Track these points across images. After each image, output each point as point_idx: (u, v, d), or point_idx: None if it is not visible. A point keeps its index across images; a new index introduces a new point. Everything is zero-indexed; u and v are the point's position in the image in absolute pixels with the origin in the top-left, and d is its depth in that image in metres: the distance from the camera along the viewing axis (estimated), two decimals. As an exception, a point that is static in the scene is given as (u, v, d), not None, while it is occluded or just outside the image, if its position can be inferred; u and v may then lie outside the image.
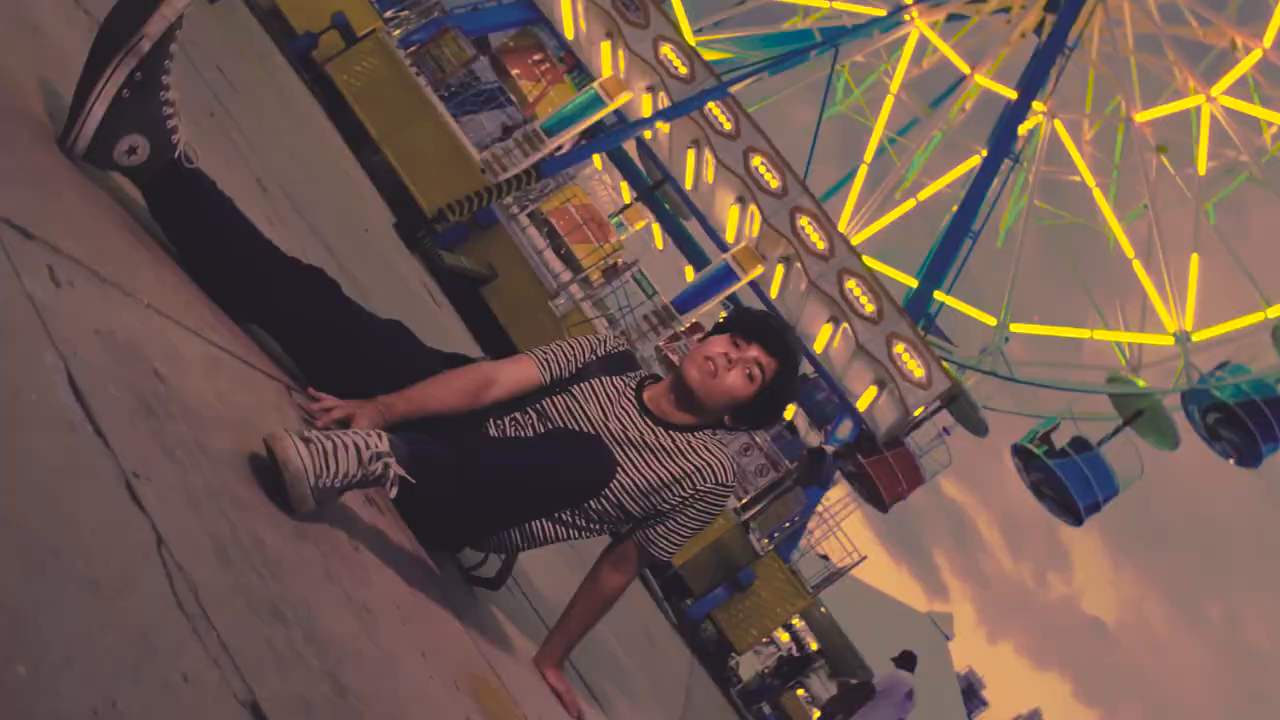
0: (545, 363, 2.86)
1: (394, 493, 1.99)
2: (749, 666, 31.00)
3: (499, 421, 2.82)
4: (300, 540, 1.76)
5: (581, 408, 2.84)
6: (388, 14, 23.47)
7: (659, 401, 2.91)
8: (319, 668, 1.43)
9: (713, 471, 2.87)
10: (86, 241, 1.71)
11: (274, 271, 2.31)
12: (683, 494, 2.86)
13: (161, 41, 1.96)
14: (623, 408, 2.88)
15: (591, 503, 2.78)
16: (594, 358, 2.95)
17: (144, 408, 1.47)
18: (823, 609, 28.73)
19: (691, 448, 2.87)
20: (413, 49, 22.10)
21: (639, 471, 2.82)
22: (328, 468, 1.81)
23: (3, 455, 1.05)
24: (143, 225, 2.14)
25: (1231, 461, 29.50)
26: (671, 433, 2.88)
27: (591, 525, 2.91)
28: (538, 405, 2.84)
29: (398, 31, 22.64)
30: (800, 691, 33.78)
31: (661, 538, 2.92)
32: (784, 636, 35.78)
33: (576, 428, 2.78)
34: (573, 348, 2.94)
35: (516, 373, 2.81)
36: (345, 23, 20.29)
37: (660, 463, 2.84)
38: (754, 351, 2.84)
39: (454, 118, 21.67)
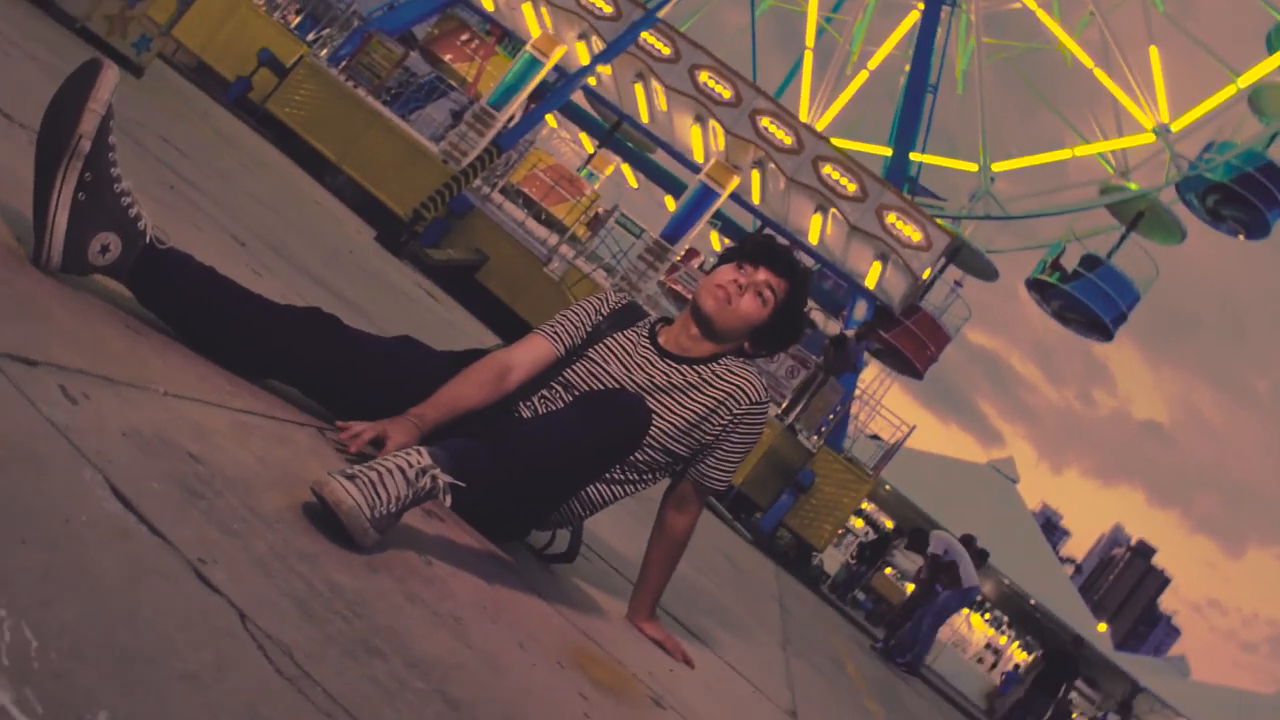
0: (556, 336, 2.91)
1: (448, 501, 2.02)
2: (833, 560, 31.24)
3: (528, 403, 2.85)
4: (374, 573, 1.79)
5: (603, 368, 2.88)
6: (310, 37, 23.38)
7: (677, 340, 2.96)
8: (426, 689, 1.47)
9: (744, 392, 2.92)
10: (89, 351, 1.74)
11: (271, 325, 2.33)
12: (722, 422, 2.91)
13: (99, 135, 1.97)
14: (642, 356, 2.92)
15: (637, 455, 2.82)
16: (601, 318, 2.98)
17: (190, 493, 1.50)
18: (887, 487, 28.86)
19: (717, 375, 2.92)
20: (343, 63, 22.01)
21: (674, 413, 2.86)
22: (379, 497, 1.84)
23: (73, 582, 1.08)
24: (137, 316, 2.16)
25: (1241, 237, 29.35)
26: (695, 367, 2.92)
27: (645, 476, 2.95)
28: (561, 378, 2.88)
29: (324, 51, 22.57)
30: (888, 570, 34.06)
31: (713, 469, 2.97)
32: (858, 523, 36.04)
33: (603, 389, 2.81)
34: (578, 314, 2.98)
35: (531, 352, 2.85)
36: (271, 57, 20.22)
37: (691, 399, 2.89)
38: (762, 274, 2.91)
39: (402, 118, 21.58)
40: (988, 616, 41.58)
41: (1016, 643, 39.25)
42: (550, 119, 28.36)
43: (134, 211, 2.08)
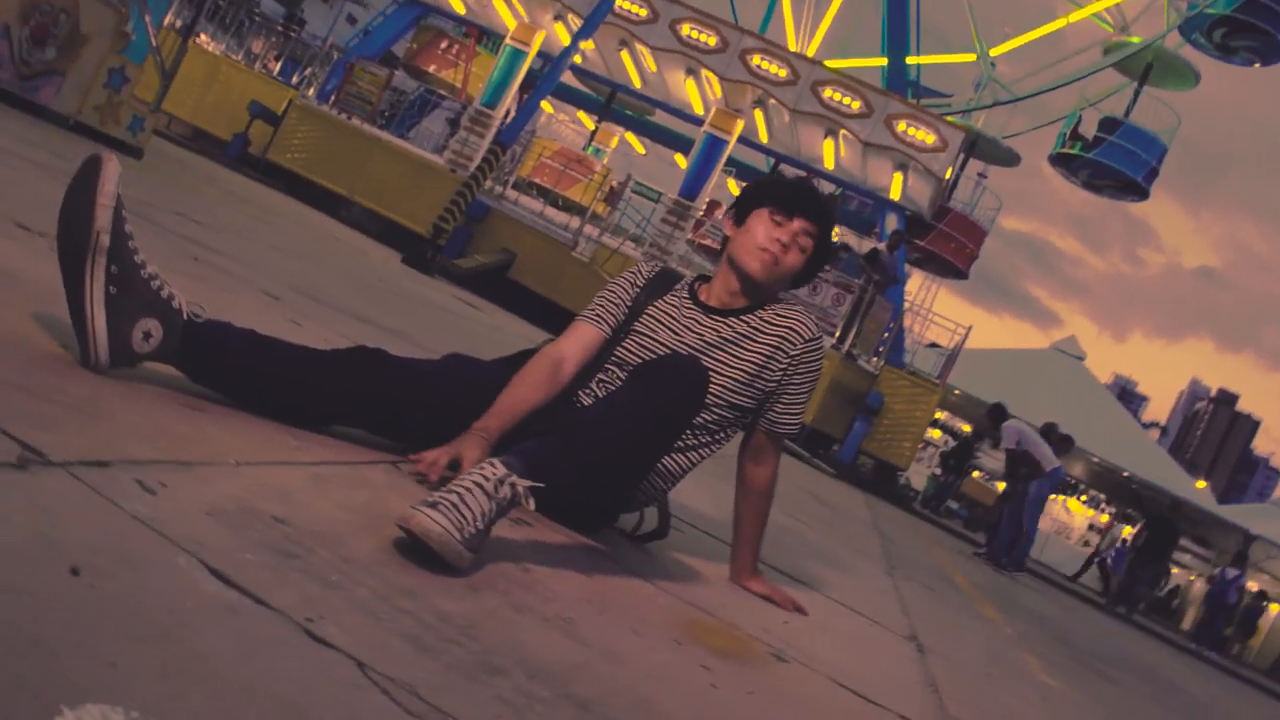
0: (599, 318, 2.92)
1: (532, 504, 2.03)
2: (919, 476, 31.14)
3: (587, 390, 2.86)
4: (477, 593, 1.81)
5: (653, 338, 2.88)
6: (294, 80, 23.46)
7: (719, 296, 2.96)
8: (553, 696, 1.48)
9: (795, 333, 2.92)
10: (155, 439, 1.76)
11: (320, 375, 2.35)
12: (781, 366, 2.90)
13: (115, 227, 1.99)
14: (688, 318, 2.92)
15: (704, 416, 2.82)
16: (639, 290, 2.98)
17: (283, 555, 1.51)
18: (956, 392, 28.67)
19: (766, 321, 2.92)
20: (332, 97, 22.10)
21: (732, 367, 2.86)
22: (465, 517, 1.85)
23: (192, 669, 1.09)
24: (192, 394, 2.19)
25: (1256, 65, 28.78)
26: (743, 317, 2.92)
27: (717, 436, 2.95)
28: (614, 358, 2.89)
29: (311, 90, 22.64)
30: (976, 474, 33.91)
31: (783, 415, 2.98)
32: (935, 434, 35.86)
33: (655, 358, 2.80)
34: (615, 292, 2.98)
35: (579, 341, 2.87)
36: (262, 108, 20.35)
37: (746, 349, 2.89)
38: (797, 223, 2.89)
39: (401, 137, 21.64)
40: (1084, 498, 41.34)
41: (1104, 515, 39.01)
42: (546, 105, 28.30)
43: (165, 292, 2.10)
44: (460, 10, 25.37)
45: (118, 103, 8.22)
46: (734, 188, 30.34)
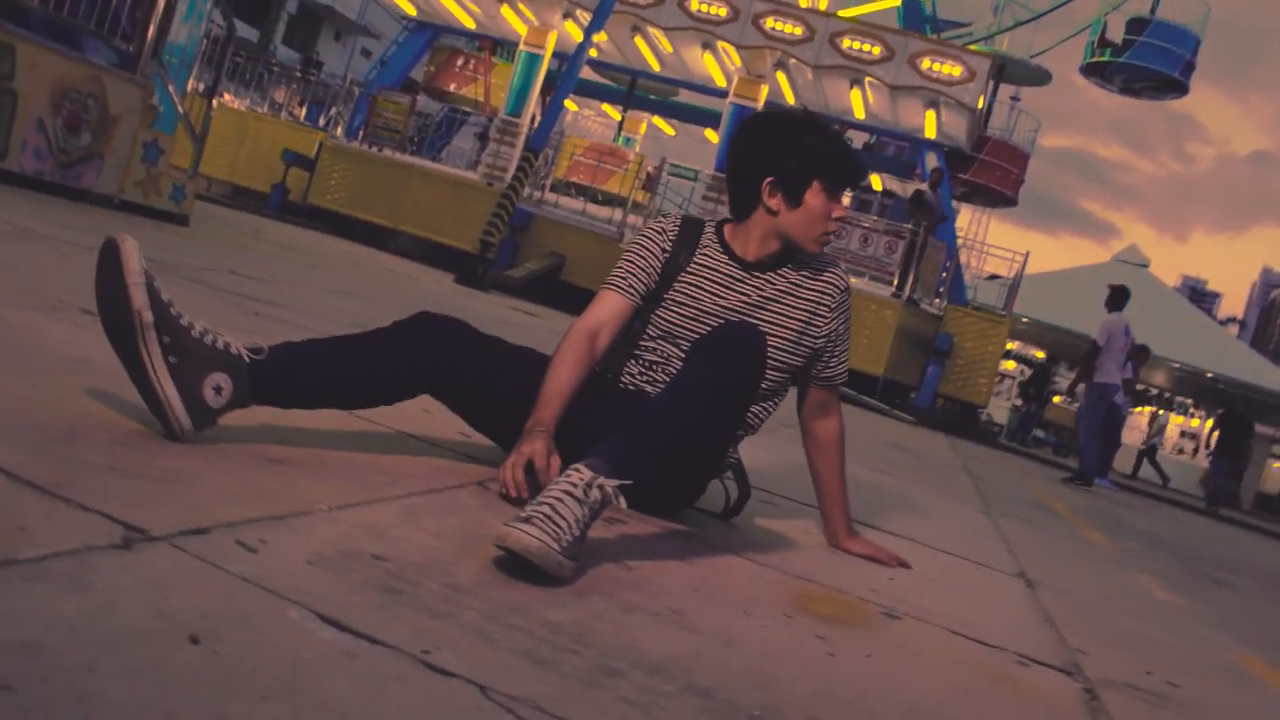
0: (629, 287, 2.81)
1: (623, 503, 2.03)
2: (1000, 409, 30.82)
3: (632, 366, 2.83)
4: (583, 598, 1.82)
5: (696, 303, 2.81)
6: (321, 122, 23.69)
7: (755, 251, 2.85)
8: (675, 689, 1.49)
9: (833, 285, 2.90)
10: (247, 498, 1.80)
11: (388, 348, 2.39)
12: (824, 320, 2.88)
13: (154, 301, 2.02)
14: (728, 276, 2.84)
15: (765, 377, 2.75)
16: (668, 252, 2.87)
17: (389, 593, 1.54)
18: (1024, 320, 28.32)
19: (803, 276, 2.88)
20: (360, 133, 22.27)
21: (779, 326, 2.81)
22: (559, 527, 1.87)
23: (325, 718, 1.11)
24: (273, 442, 2.23)
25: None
26: (780, 272, 2.86)
27: (774, 398, 2.92)
28: (656, 328, 2.83)
29: (339, 129, 22.84)
30: (1057, 399, 33.48)
31: (833, 367, 2.96)
32: (1010, 365, 35.47)
33: (701, 325, 2.76)
34: (641, 254, 2.87)
35: (609, 310, 2.78)
36: (295, 155, 20.59)
37: (790, 305, 2.85)
38: (846, 200, 2.85)
39: (434, 160, 21.78)
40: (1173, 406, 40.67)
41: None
42: (569, 104, 28.32)
43: (221, 344, 2.13)
44: (470, 25, 25.47)
45: (157, 175, 8.35)
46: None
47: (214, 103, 9.82)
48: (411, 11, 25.40)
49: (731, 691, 1.56)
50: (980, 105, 21.97)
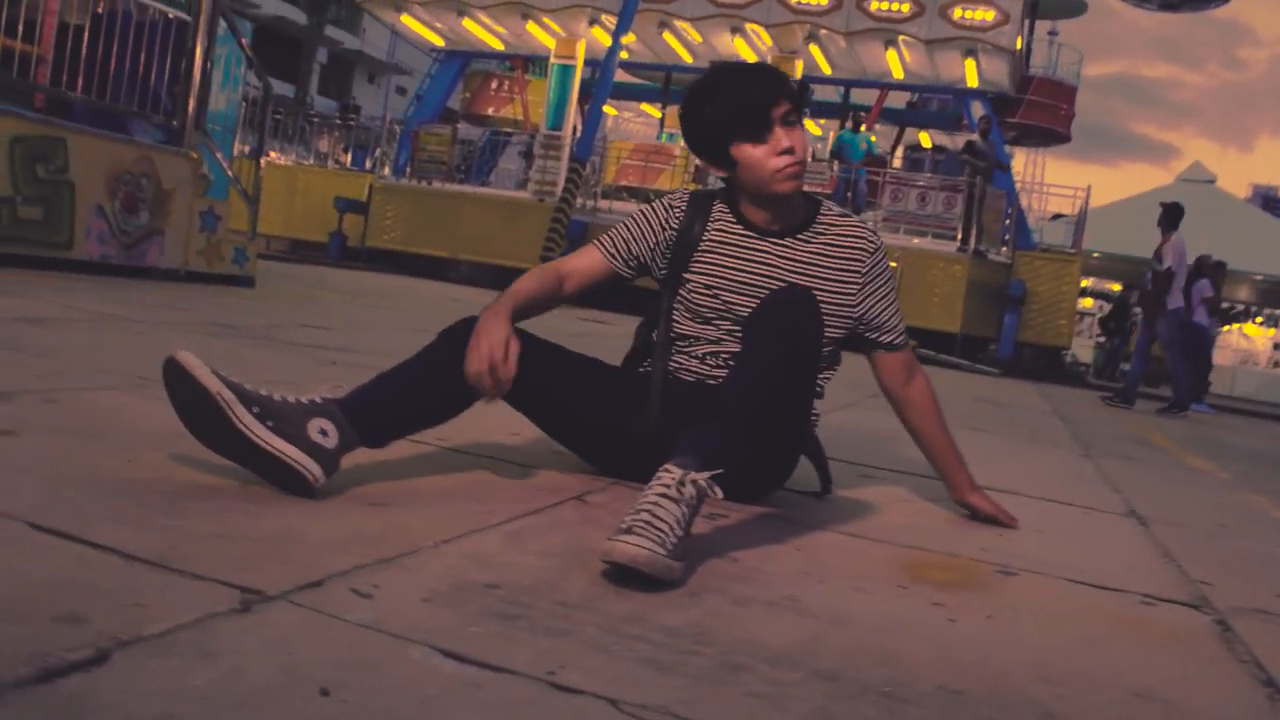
0: (614, 253, 2.77)
1: (720, 494, 2.02)
2: (1085, 349, 30.35)
3: (685, 359, 2.76)
4: (695, 598, 1.83)
5: (718, 279, 2.70)
6: (368, 165, 23.94)
7: (755, 215, 2.73)
8: (800, 677, 1.49)
9: (859, 249, 2.74)
10: (353, 544, 1.82)
11: (447, 351, 2.38)
12: (858, 286, 2.73)
13: (227, 383, 2.09)
14: (744, 247, 2.72)
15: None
16: (675, 225, 2.78)
17: (506, 619, 1.55)
18: (1095, 254, 27.86)
19: (830, 241, 2.73)
20: (407, 169, 22.47)
21: (821, 292, 2.59)
22: (661, 531, 1.87)
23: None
24: (368, 482, 2.26)
25: None
26: (799, 236, 2.73)
27: (831, 366, 2.85)
28: (689, 311, 2.75)
29: (386, 169, 23.07)
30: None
31: (892, 329, 2.83)
32: (1087, 303, 34.90)
33: (733, 299, 2.67)
34: (639, 226, 2.80)
35: (585, 263, 2.76)
36: (347, 201, 20.86)
37: (819, 273, 2.70)
38: (782, 109, 2.57)
39: (483, 185, 21.92)
40: (1260, 320, 39.80)
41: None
42: (608, 109, 28.36)
43: (306, 399, 2.17)
44: (499, 46, 25.61)
45: (217, 241, 8.49)
46: (813, 128, 29.96)
47: (261, 162, 9.96)
48: (439, 42, 25.60)
49: (856, 671, 1.55)
50: (1019, 46, 21.64)
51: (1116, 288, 33.94)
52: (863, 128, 21.48)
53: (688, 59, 24.73)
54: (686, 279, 2.74)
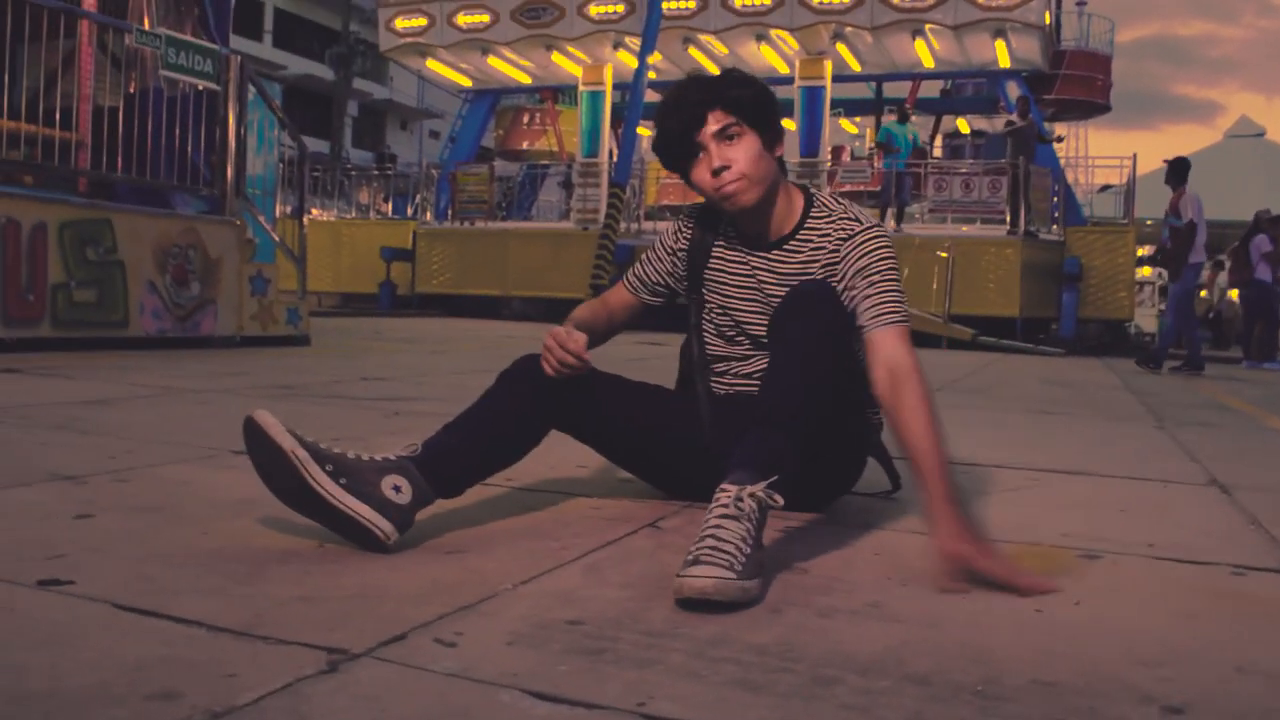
0: (634, 284, 2.84)
1: (781, 501, 2.00)
2: (1148, 319, 29.89)
3: (720, 380, 2.74)
4: (778, 614, 1.82)
5: (734, 296, 2.65)
6: (409, 211, 24.16)
7: (754, 232, 2.62)
8: (890, 684, 1.47)
9: (826, 239, 2.56)
10: (432, 594, 1.83)
11: (507, 395, 2.44)
12: (856, 270, 2.48)
13: (302, 442, 2.12)
14: (739, 263, 2.66)
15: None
16: (683, 247, 2.75)
17: (592, 654, 1.55)
18: (1149, 222, 27.44)
19: (817, 245, 2.56)
20: (449, 212, 22.65)
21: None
22: (728, 554, 1.85)
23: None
24: (442, 531, 2.27)
25: None
26: (792, 244, 2.59)
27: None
28: (713, 331, 2.73)
29: (428, 214, 23.26)
30: (1203, 293, 32.36)
31: (875, 306, 2.43)
32: (1145, 272, 34.36)
33: (744, 315, 2.64)
34: (655, 256, 2.81)
35: (617, 299, 2.86)
36: (393, 250, 21.04)
37: (812, 274, 2.54)
38: (711, 127, 2.44)
39: (525, 219, 22.06)
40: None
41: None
42: (642, 130, 28.45)
43: (380, 457, 2.20)
44: (526, 80, 25.76)
45: (269, 304, 8.61)
46: (849, 126, 29.87)
47: (304, 220, 10.09)
48: (466, 83, 25.80)
49: (948, 673, 1.54)
50: (1048, 21, 21.46)
51: (1172, 252, 33.42)
52: (912, 118, 21.15)
53: (715, 71, 24.69)
54: (705, 299, 2.72)
